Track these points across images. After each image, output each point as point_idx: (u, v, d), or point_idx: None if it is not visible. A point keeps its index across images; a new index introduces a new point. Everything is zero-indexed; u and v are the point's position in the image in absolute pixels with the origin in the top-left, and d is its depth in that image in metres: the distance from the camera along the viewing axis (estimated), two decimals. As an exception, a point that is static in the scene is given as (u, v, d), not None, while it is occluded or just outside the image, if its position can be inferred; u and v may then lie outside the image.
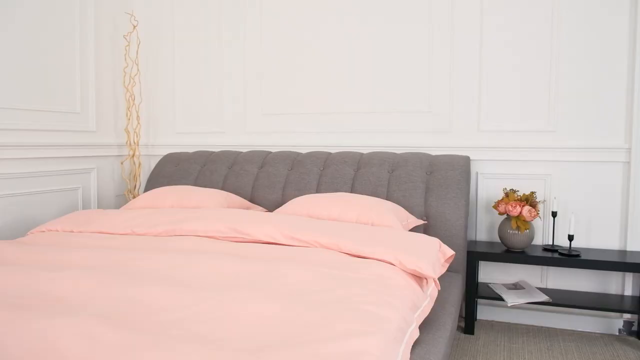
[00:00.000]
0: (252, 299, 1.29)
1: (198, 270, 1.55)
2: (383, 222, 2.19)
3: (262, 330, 1.13)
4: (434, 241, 1.95)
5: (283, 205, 2.47)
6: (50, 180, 2.85)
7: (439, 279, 2.24)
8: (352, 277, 1.56)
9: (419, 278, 1.78)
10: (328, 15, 2.97)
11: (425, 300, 1.69)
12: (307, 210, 2.30)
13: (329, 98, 3.00)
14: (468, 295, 2.52)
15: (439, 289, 1.78)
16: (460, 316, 2.79)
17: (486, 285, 2.69)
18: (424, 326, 1.65)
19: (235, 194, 2.85)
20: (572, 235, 2.43)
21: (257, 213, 2.18)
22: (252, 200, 2.83)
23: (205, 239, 1.97)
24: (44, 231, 2.28)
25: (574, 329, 2.62)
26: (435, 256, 1.86)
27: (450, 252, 1.97)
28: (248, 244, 1.92)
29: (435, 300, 1.92)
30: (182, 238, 1.98)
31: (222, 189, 2.90)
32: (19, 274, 1.47)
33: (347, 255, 1.79)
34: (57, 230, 2.26)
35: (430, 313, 1.78)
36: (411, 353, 1.42)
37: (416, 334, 1.43)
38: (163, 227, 2.10)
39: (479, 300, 2.76)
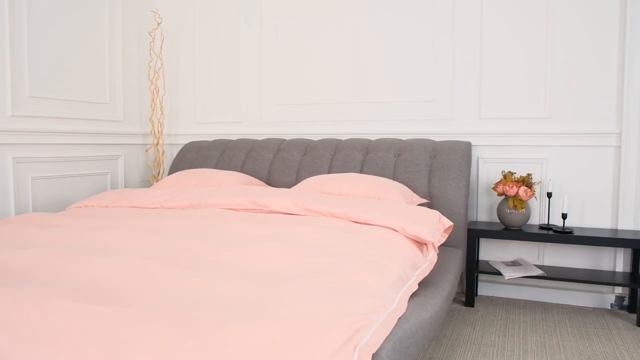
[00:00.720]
0: (274, 248, 1.51)
1: (224, 230, 1.76)
2: (389, 198, 2.39)
3: (284, 269, 1.34)
4: (434, 213, 2.15)
5: (297, 185, 2.68)
6: (82, 165, 3.10)
7: (440, 252, 2.45)
8: (359, 238, 1.76)
9: (420, 244, 1.98)
10: (338, 10, 3.18)
11: (425, 263, 1.89)
12: (319, 187, 2.51)
13: (340, 89, 3.21)
14: (468, 270, 2.71)
15: (437, 252, 1.98)
16: (461, 292, 2.98)
17: (486, 262, 2.87)
18: (424, 287, 1.84)
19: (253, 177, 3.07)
20: (566, 214, 2.62)
21: (274, 188, 2.39)
22: (268, 183, 3.05)
23: (227, 210, 2.18)
24: (81, 207, 2.52)
25: (568, 303, 2.80)
26: (434, 225, 2.06)
27: (448, 223, 2.16)
28: (266, 214, 2.13)
29: (436, 270, 2.11)
30: (206, 210, 2.20)
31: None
32: (73, 232, 1.70)
33: (355, 222, 2.00)
34: (93, 206, 2.49)
35: (430, 278, 1.98)
36: (408, 302, 1.62)
37: (414, 287, 1.63)
38: (188, 202, 2.33)
39: (480, 278, 2.95)
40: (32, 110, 2.77)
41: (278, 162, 3.09)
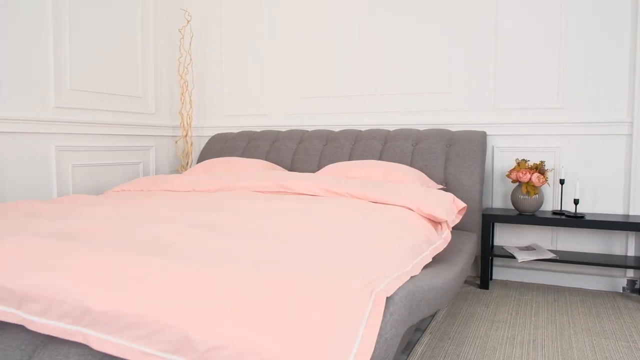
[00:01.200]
0: (299, 219, 1.66)
1: (252, 207, 1.92)
2: (405, 183, 2.52)
3: (308, 234, 1.49)
4: (449, 195, 2.27)
5: (319, 171, 2.83)
6: (117, 155, 3.30)
7: (455, 235, 2.57)
8: (377, 214, 1.90)
9: (435, 223, 2.11)
10: (359, 7, 3.32)
11: (439, 240, 2.02)
12: (340, 173, 2.66)
13: (360, 82, 3.35)
14: (483, 254, 2.83)
15: (450, 230, 2.11)
16: (476, 276, 3.09)
17: (501, 247, 2.98)
18: (438, 263, 1.97)
19: (277, 166, 3.23)
20: (578, 200, 2.71)
21: (298, 173, 2.55)
22: (291, 171, 3.21)
23: (254, 192, 2.35)
24: (117, 191, 2.71)
25: (580, 287, 2.89)
26: (449, 206, 2.18)
27: (462, 205, 2.29)
28: (290, 195, 2.29)
29: (451, 249, 2.24)
30: (235, 192, 2.37)
31: (265, 162, 3.29)
32: (119, 207, 1.88)
33: (373, 202, 2.14)
34: (129, 190, 2.68)
35: (444, 256, 2.10)
36: (422, 272, 1.76)
37: (428, 259, 1.76)
38: (218, 185, 2.50)
39: (495, 263, 3.06)
40: (72, 102, 2.97)
41: (301, 152, 3.24)
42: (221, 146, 3.52)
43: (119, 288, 1.09)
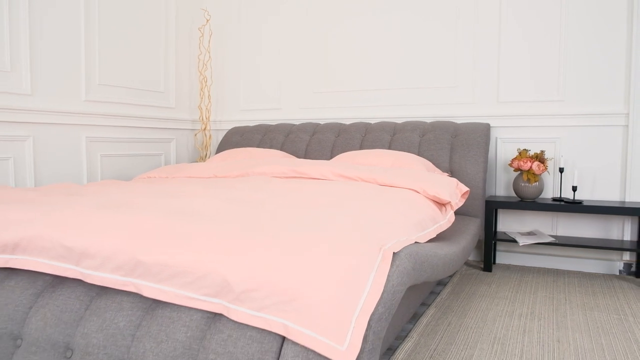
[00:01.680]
0: (317, 197, 1.84)
1: (273, 187, 2.11)
2: (413, 169, 2.70)
3: (324, 207, 1.68)
4: (453, 179, 2.45)
5: (332, 159, 3.01)
6: (140, 146, 3.51)
7: (460, 220, 2.74)
8: (386, 195, 2.08)
9: (440, 205, 2.29)
10: (369, 7, 3.50)
11: (443, 220, 2.20)
12: (351, 161, 2.84)
13: (370, 77, 3.53)
14: (486, 238, 3.00)
15: (454, 211, 2.28)
16: (480, 260, 3.26)
17: (503, 232, 3.15)
18: (442, 240, 2.14)
19: (291, 156, 3.42)
20: (576, 186, 2.87)
21: (312, 160, 2.73)
22: (305, 162, 3.40)
23: (272, 177, 2.53)
24: (144, 177, 2.91)
25: (579, 270, 3.05)
26: (452, 189, 2.36)
27: (465, 189, 2.46)
28: (306, 179, 2.47)
29: (455, 231, 2.42)
30: (253, 177, 2.56)
31: (280, 153, 3.48)
32: (152, 188, 2.08)
33: (383, 185, 2.32)
34: (155, 177, 2.88)
35: (448, 235, 2.28)
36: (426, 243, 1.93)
37: (432, 235, 1.94)
38: (238, 172, 2.69)
39: (498, 248, 3.23)
40: (101, 96, 3.18)
41: (314, 143, 3.43)
42: (238, 139, 3.71)
43: (167, 244, 1.28)
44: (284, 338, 1.12)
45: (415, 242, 1.58)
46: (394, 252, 1.29)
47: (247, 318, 1.14)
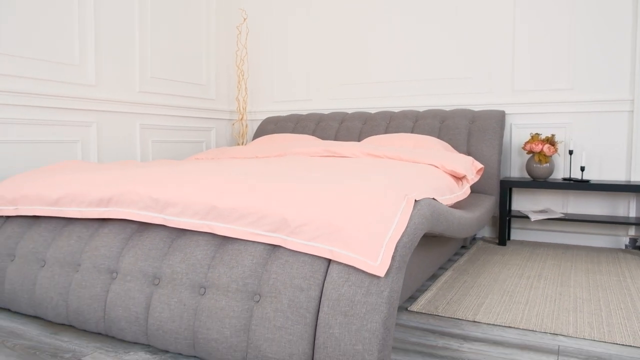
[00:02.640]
0: (350, 167, 2.17)
1: (311, 161, 2.44)
2: (433, 149, 3.00)
3: (360, 171, 2.00)
4: (469, 157, 2.75)
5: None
6: (185, 134, 3.88)
7: (476, 197, 3.03)
8: (409, 168, 2.39)
9: (457, 179, 2.59)
10: (392, 4, 3.81)
11: (459, 191, 2.50)
12: (377, 143, 3.16)
13: (394, 69, 3.84)
14: (501, 215, 3.28)
15: (470, 185, 2.58)
16: (495, 237, 3.53)
17: (517, 211, 3.42)
18: (458, 208, 2.44)
19: (322, 142, 3.75)
20: (584, 167, 3.13)
21: (342, 142, 3.06)
22: (334, 147, 3.72)
23: (307, 156, 2.87)
24: (192, 159, 3.27)
25: (587, 244, 3.31)
26: (468, 165, 2.66)
27: (480, 165, 2.75)
28: (338, 157, 2.80)
29: (471, 204, 2.71)
30: (292, 156, 2.89)
31: (311, 139, 3.81)
32: (209, 161, 2.43)
33: (406, 161, 2.63)
34: (203, 158, 3.24)
35: (465, 207, 2.58)
36: (446, 210, 2.24)
37: (448, 202, 2.24)
38: (277, 152, 3.03)
39: (513, 225, 3.50)
40: (152, 88, 3.56)
41: (343, 130, 3.75)
42: (272, 127, 4.06)
43: (235, 192, 1.62)
44: (329, 261, 1.44)
45: (434, 199, 1.89)
46: (415, 200, 1.61)
47: (300, 247, 1.47)
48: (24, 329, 1.85)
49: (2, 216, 2.16)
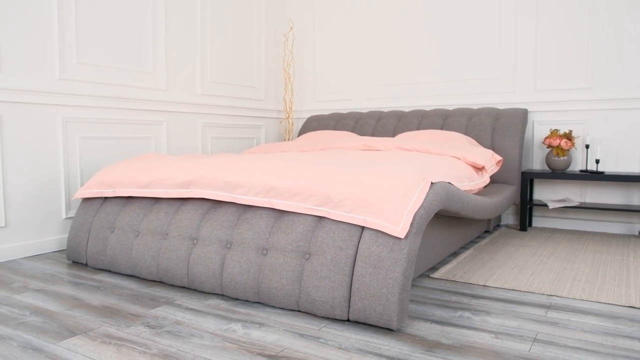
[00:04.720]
0: (384, 157, 2.60)
1: (350, 153, 2.88)
2: (457, 143, 3.38)
3: (390, 161, 2.42)
4: (488, 150, 3.12)
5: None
6: (239, 131, 4.38)
7: (498, 186, 3.39)
8: (434, 159, 2.79)
9: (477, 169, 2.97)
10: (425, 9, 4.19)
11: (479, 180, 2.89)
12: (408, 138, 3.56)
13: (426, 71, 4.22)
14: (522, 203, 3.62)
15: (489, 175, 2.96)
16: (517, 224, 3.87)
17: (538, 200, 3.75)
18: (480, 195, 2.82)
19: (360, 138, 4.17)
20: (599, 159, 3.44)
21: (378, 137, 3.48)
22: (371, 142, 4.14)
23: (347, 150, 3.30)
24: (246, 154, 3.76)
25: (602, 231, 3.61)
26: (488, 157, 3.03)
27: (499, 158, 3.12)
28: (374, 151, 3.23)
29: (492, 192, 3.08)
30: (333, 150, 3.34)
31: (350, 135, 4.24)
32: (261, 155, 2.91)
33: (432, 154, 3.03)
34: (256, 152, 3.73)
35: (486, 194, 2.95)
36: (464, 195, 2.63)
37: (466, 188, 2.64)
38: (320, 146, 3.48)
39: (534, 214, 3.83)
40: (212, 91, 4.08)
41: (379, 127, 4.17)
42: (316, 124, 4.51)
43: (289, 175, 2.08)
44: (363, 227, 1.88)
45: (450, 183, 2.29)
46: (432, 182, 2.02)
47: (341, 217, 1.91)
48: (125, 283, 2.37)
49: (102, 197, 2.71)
